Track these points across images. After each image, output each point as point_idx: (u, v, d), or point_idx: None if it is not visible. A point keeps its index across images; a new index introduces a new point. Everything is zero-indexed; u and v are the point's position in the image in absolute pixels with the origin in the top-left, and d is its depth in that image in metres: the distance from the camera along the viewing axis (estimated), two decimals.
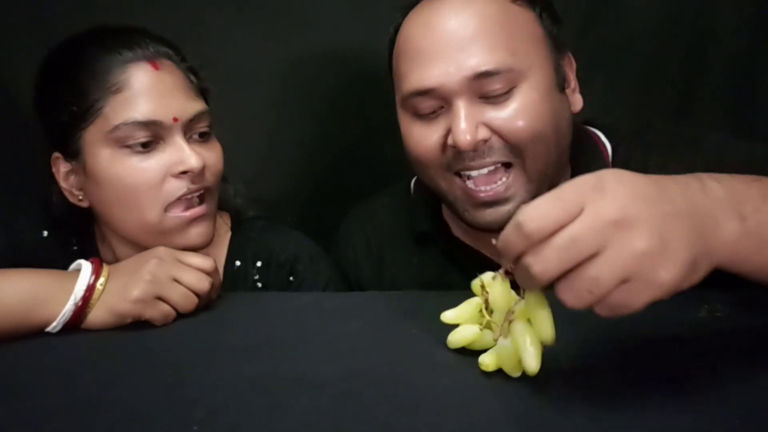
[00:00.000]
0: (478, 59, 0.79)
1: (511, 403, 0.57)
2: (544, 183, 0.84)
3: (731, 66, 1.28)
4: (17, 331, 0.75)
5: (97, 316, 0.77)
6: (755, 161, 0.81)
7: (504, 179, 0.83)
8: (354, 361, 0.66)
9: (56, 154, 0.89)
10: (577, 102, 0.89)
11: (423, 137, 0.84)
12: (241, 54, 1.26)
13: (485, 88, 0.80)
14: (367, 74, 1.29)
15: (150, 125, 0.83)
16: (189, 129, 0.87)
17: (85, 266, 0.79)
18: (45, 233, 0.95)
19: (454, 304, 0.67)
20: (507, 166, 0.83)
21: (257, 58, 1.28)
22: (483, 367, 0.61)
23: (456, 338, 0.65)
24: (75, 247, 0.95)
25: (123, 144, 0.83)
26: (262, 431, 0.55)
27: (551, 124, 0.82)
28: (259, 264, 0.99)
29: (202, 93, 0.92)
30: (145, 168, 0.84)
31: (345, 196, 1.19)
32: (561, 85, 0.86)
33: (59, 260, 0.85)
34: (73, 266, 0.81)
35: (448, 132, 0.82)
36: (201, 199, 0.88)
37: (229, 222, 1.02)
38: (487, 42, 0.79)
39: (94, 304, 0.77)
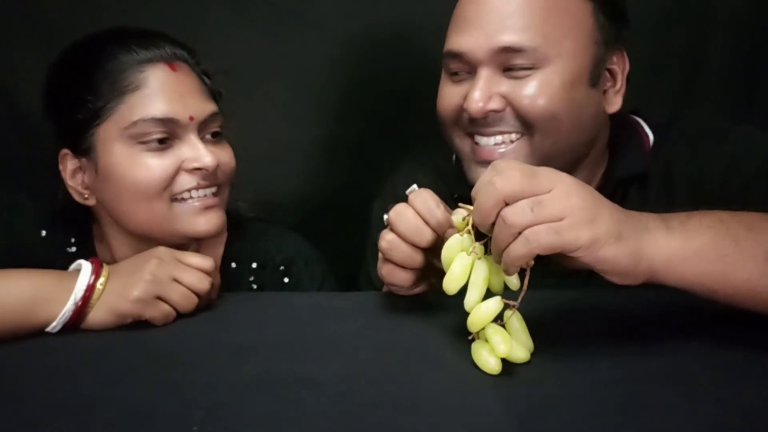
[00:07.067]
0: (507, 35, 0.83)
1: (512, 403, 0.57)
2: (547, 165, 0.85)
3: (730, 67, 1.28)
4: (17, 331, 0.75)
5: (97, 316, 0.77)
6: None
7: (507, 145, 0.86)
8: (354, 361, 0.66)
9: (64, 151, 0.89)
10: (615, 104, 0.90)
11: (448, 96, 0.89)
12: (243, 55, 1.26)
13: (509, 62, 0.83)
14: (369, 76, 1.29)
15: (167, 122, 0.84)
16: (203, 129, 0.88)
17: (85, 266, 0.79)
18: (44, 233, 0.94)
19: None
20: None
21: (259, 59, 1.28)
22: (489, 371, 0.61)
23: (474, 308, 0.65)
24: (74, 248, 0.95)
25: (138, 140, 0.85)
26: (262, 431, 0.55)
27: (567, 112, 0.84)
28: (254, 266, 0.99)
29: (214, 95, 0.93)
30: (158, 165, 0.85)
31: (345, 197, 1.19)
32: (594, 80, 0.87)
33: (58, 259, 0.85)
34: (73, 266, 0.81)
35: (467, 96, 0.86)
36: (214, 194, 0.89)
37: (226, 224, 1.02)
38: (522, 20, 0.83)
39: (94, 304, 0.77)
